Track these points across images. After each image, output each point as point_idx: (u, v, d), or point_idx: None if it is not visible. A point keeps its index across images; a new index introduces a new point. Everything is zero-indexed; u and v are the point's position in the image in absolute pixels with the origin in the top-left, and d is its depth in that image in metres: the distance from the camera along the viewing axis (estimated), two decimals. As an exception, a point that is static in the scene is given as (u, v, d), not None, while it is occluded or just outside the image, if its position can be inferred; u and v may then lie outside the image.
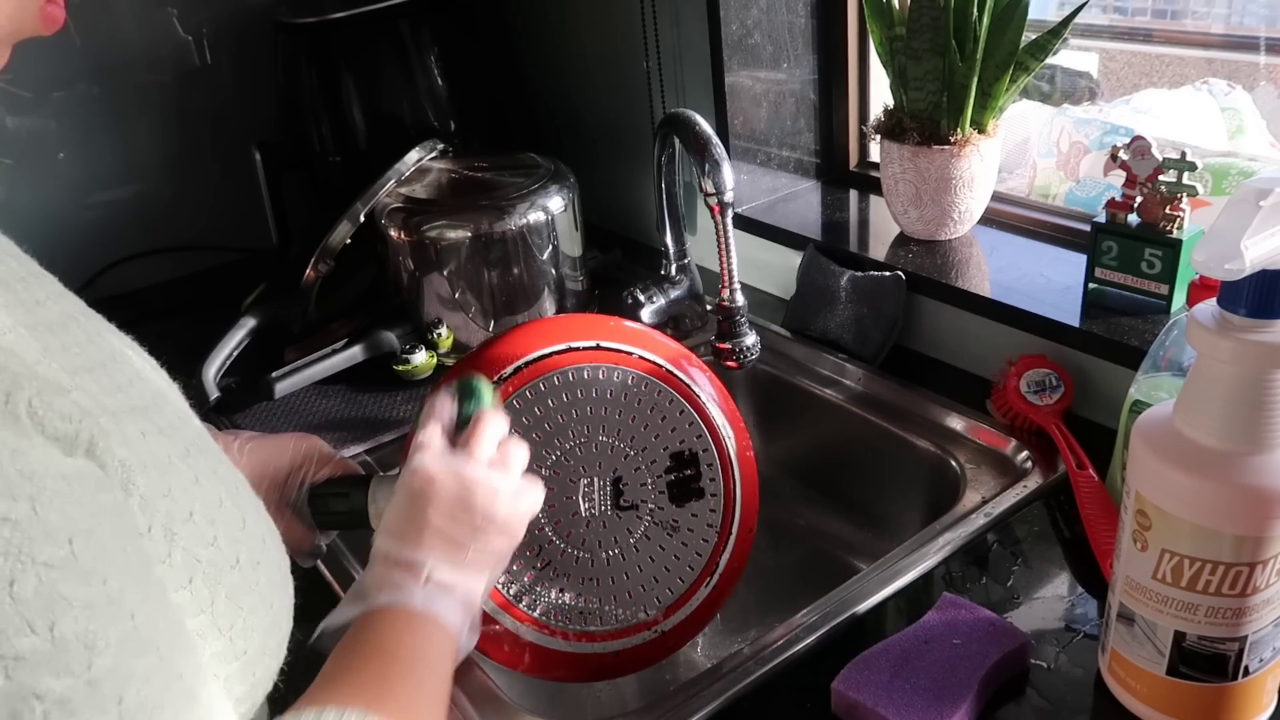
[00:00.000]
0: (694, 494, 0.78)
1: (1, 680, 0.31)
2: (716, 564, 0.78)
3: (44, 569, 0.33)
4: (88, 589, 0.34)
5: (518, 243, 1.12)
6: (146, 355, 0.54)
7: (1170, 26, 1.83)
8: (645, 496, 0.77)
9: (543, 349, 0.75)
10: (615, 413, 0.76)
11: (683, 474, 0.78)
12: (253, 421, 1.08)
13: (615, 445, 0.76)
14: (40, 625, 0.32)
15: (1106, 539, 0.77)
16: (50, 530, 0.34)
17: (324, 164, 1.38)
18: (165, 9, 1.42)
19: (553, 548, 0.74)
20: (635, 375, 0.77)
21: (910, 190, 1.08)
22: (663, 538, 0.77)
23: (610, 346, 0.77)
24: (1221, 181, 1.31)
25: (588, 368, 0.76)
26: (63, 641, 0.33)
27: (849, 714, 0.65)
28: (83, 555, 0.34)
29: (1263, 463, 0.54)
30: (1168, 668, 0.60)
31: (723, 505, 0.79)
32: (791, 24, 1.23)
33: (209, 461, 0.48)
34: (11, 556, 0.32)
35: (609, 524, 0.76)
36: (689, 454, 0.78)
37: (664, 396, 0.78)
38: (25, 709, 0.32)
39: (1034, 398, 0.92)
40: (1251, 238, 0.49)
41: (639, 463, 0.77)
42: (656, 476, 0.77)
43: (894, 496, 1.02)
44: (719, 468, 0.79)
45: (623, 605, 0.76)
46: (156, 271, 1.46)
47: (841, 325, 1.10)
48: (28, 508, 0.33)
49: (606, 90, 1.41)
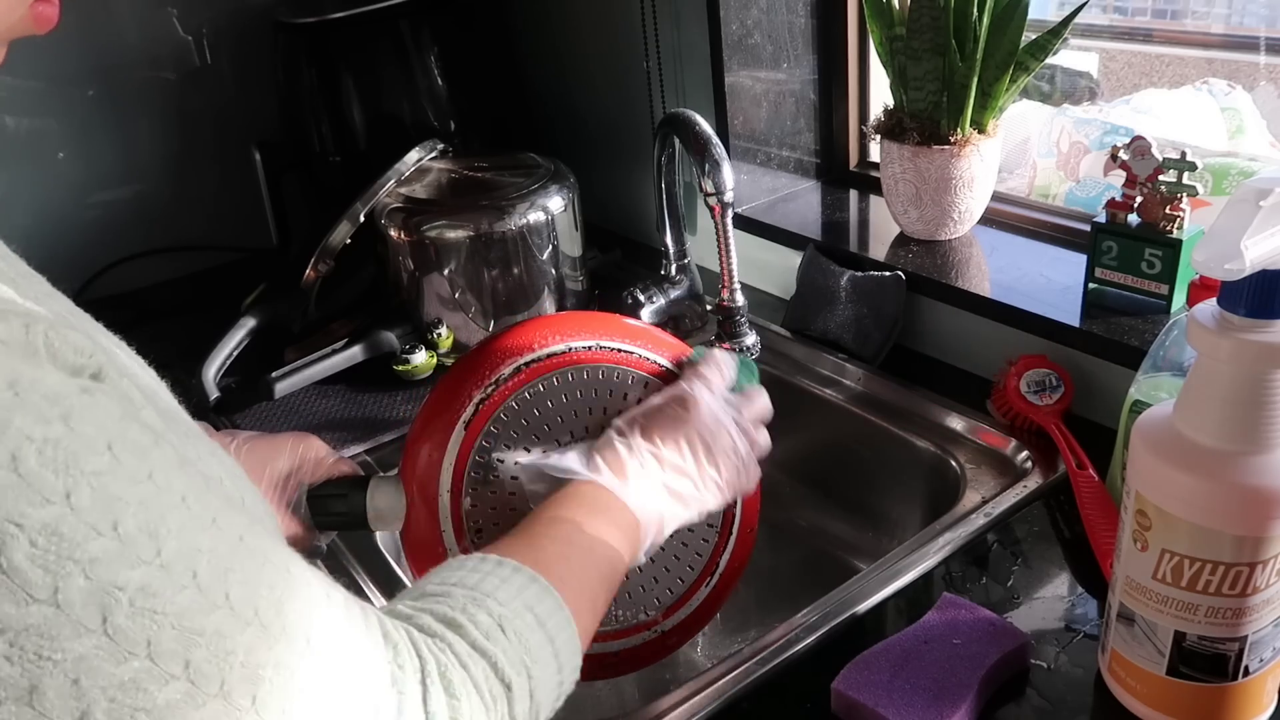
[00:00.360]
0: None
1: (83, 580, 0.34)
2: (717, 564, 0.78)
3: (94, 477, 0.35)
4: (138, 487, 0.36)
5: (518, 243, 1.12)
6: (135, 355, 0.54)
7: (1170, 26, 1.84)
8: None
9: (540, 350, 0.75)
10: (616, 412, 0.75)
11: None
12: (253, 421, 1.08)
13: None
14: (104, 527, 0.35)
15: (1106, 539, 0.77)
16: (89, 441, 0.36)
17: (324, 164, 1.38)
18: (165, 9, 1.42)
19: None
20: (636, 375, 0.76)
21: (910, 190, 1.08)
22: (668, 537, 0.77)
23: (610, 346, 0.76)
24: (1221, 181, 1.31)
25: (587, 368, 0.75)
26: (129, 537, 0.35)
27: (849, 714, 0.65)
28: (124, 458, 0.37)
29: (1262, 463, 0.54)
30: (1168, 668, 0.60)
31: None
32: (791, 24, 1.23)
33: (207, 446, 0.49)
34: (61, 472, 0.34)
35: None
36: None
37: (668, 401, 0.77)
38: (112, 601, 0.34)
39: (1034, 398, 0.92)
40: (1251, 238, 0.49)
41: None
42: None
43: (894, 497, 1.02)
44: None
45: (623, 605, 0.75)
46: (156, 271, 1.46)
47: (841, 325, 1.10)
48: (62, 426, 0.35)
49: (606, 90, 1.41)
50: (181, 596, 0.36)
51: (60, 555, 0.33)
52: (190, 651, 0.36)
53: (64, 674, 0.33)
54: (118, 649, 0.34)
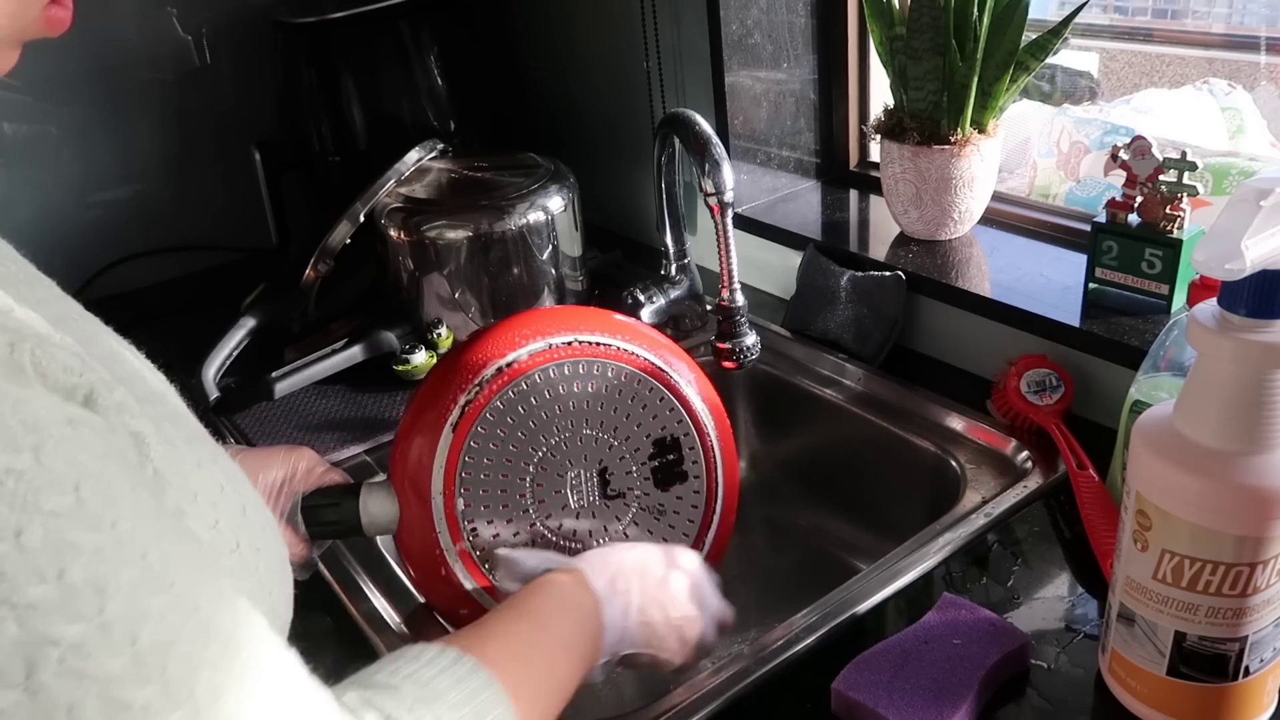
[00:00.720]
0: (677, 477, 0.80)
1: (15, 629, 0.32)
2: (702, 543, 0.80)
3: (50, 518, 0.33)
4: (96, 534, 0.34)
5: (518, 243, 1.12)
6: (144, 358, 0.54)
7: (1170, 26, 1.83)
8: (631, 484, 0.78)
9: (519, 349, 0.76)
10: (597, 405, 0.77)
11: (665, 459, 0.79)
12: (252, 421, 1.08)
13: (599, 437, 0.77)
14: (50, 573, 0.33)
15: (1107, 539, 0.77)
16: (55, 479, 0.34)
17: (324, 164, 1.38)
18: (165, 9, 1.42)
19: (545, 541, 0.75)
20: (614, 367, 0.78)
21: (910, 190, 1.08)
22: (650, 522, 0.79)
23: (587, 340, 0.77)
24: (1222, 181, 1.31)
25: (567, 363, 0.76)
26: (72, 588, 0.33)
27: (849, 714, 0.65)
28: (90, 501, 0.35)
29: (1263, 463, 0.54)
30: (1168, 668, 0.60)
31: (705, 486, 0.81)
32: (791, 24, 1.23)
33: (209, 450, 0.49)
34: (17, 508, 0.32)
35: (598, 514, 0.77)
36: (670, 439, 0.79)
37: (643, 385, 0.78)
38: (40, 655, 0.32)
39: (1034, 398, 0.92)
40: (1252, 238, 0.49)
41: (623, 452, 0.78)
42: (640, 464, 0.78)
43: (894, 496, 1.02)
44: (700, 450, 0.80)
45: None
46: (156, 271, 1.46)
47: (841, 325, 1.10)
48: (31, 458, 0.33)
49: (606, 90, 1.41)
50: (115, 663, 0.33)
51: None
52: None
53: None
54: (35, 710, 0.32)
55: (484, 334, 0.78)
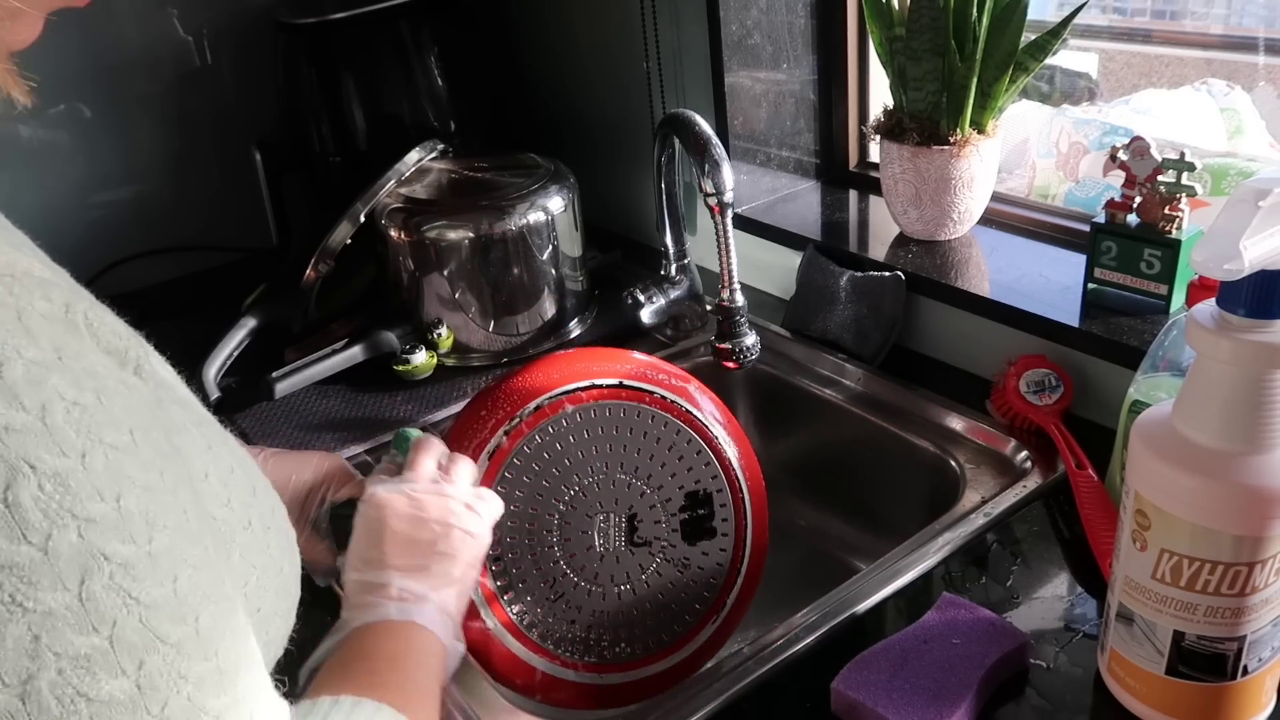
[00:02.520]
0: (706, 533, 0.79)
1: (75, 538, 0.34)
2: (724, 603, 0.80)
3: (111, 449, 0.36)
4: (147, 474, 0.37)
5: (518, 243, 1.12)
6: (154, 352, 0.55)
7: (1169, 27, 1.83)
8: (659, 534, 0.78)
9: (565, 385, 0.76)
10: (634, 450, 0.77)
11: (696, 513, 0.79)
12: (253, 421, 1.08)
13: (632, 483, 0.77)
14: (109, 495, 0.35)
15: (1106, 539, 0.78)
16: (114, 418, 0.37)
17: (324, 164, 1.38)
18: (165, 10, 1.42)
19: (566, 580, 0.75)
20: (656, 414, 0.78)
21: (910, 190, 1.08)
22: (673, 574, 0.78)
23: (633, 385, 0.78)
24: (1220, 182, 1.31)
25: (610, 404, 0.76)
26: (128, 513, 0.36)
27: (849, 714, 0.65)
28: (142, 445, 0.38)
29: (1262, 463, 0.54)
30: (1167, 667, 0.61)
31: (733, 545, 0.80)
32: (791, 24, 1.23)
33: (218, 434, 0.50)
34: (83, 434, 0.35)
35: (622, 559, 0.77)
36: (703, 494, 0.79)
37: (682, 436, 0.78)
38: (95, 566, 0.35)
39: (1033, 398, 0.92)
40: (1250, 238, 0.49)
41: (654, 500, 0.78)
42: (670, 515, 0.78)
43: (894, 496, 1.02)
44: (731, 508, 0.80)
45: (630, 641, 0.76)
46: (157, 271, 1.46)
47: (841, 325, 1.11)
48: (94, 398, 0.36)
49: (606, 90, 1.41)
50: (158, 591, 0.36)
51: (61, 506, 0.34)
52: (148, 654, 0.35)
53: (28, 626, 0.33)
54: (85, 617, 0.34)
55: (530, 367, 0.78)
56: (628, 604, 0.77)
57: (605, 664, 0.75)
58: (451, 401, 1.09)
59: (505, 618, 0.73)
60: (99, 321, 0.40)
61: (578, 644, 0.75)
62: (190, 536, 0.38)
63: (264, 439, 1.04)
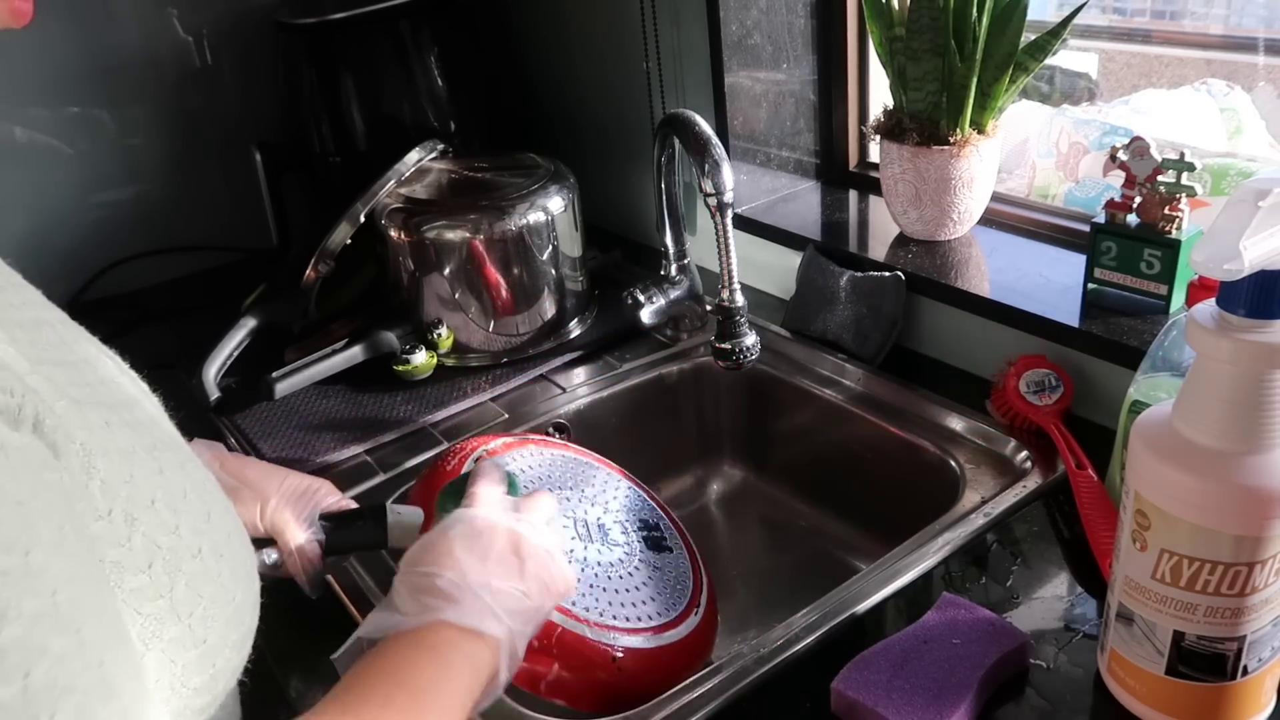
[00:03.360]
0: (665, 549, 0.86)
1: None
2: (699, 602, 0.83)
3: None
4: (6, 558, 0.34)
5: (518, 243, 1.12)
6: (127, 368, 0.55)
7: (1169, 27, 1.83)
8: (628, 541, 0.83)
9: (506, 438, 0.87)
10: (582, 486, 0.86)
11: (650, 534, 0.86)
12: (253, 422, 1.08)
13: (590, 507, 0.84)
14: None
15: (1106, 539, 0.78)
16: None
17: (324, 164, 1.38)
18: (165, 9, 1.42)
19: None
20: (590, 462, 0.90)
21: (910, 191, 1.08)
22: (650, 571, 0.82)
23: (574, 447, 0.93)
24: (1220, 182, 1.31)
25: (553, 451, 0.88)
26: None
27: (849, 714, 0.65)
28: (6, 524, 0.34)
29: (1261, 463, 0.54)
30: (1167, 667, 0.61)
31: (689, 562, 0.86)
32: (791, 24, 1.23)
33: (176, 457, 0.49)
34: None
35: (603, 551, 0.80)
36: (651, 521, 0.87)
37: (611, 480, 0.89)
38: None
39: (1033, 398, 0.92)
40: (1250, 238, 0.49)
41: (616, 518, 0.84)
42: (632, 529, 0.85)
43: (894, 496, 1.02)
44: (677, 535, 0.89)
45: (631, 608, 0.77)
46: (157, 272, 1.46)
47: (841, 325, 1.11)
48: None
49: (606, 90, 1.41)
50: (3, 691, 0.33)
51: None
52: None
53: None
54: None
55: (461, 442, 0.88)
56: (620, 575, 0.79)
57: (614, 626, 0.75)
58: (451, 402, 1.09)
59: None
60: None
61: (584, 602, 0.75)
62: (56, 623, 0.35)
63: (264, 439, 1.04)
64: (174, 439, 0.52)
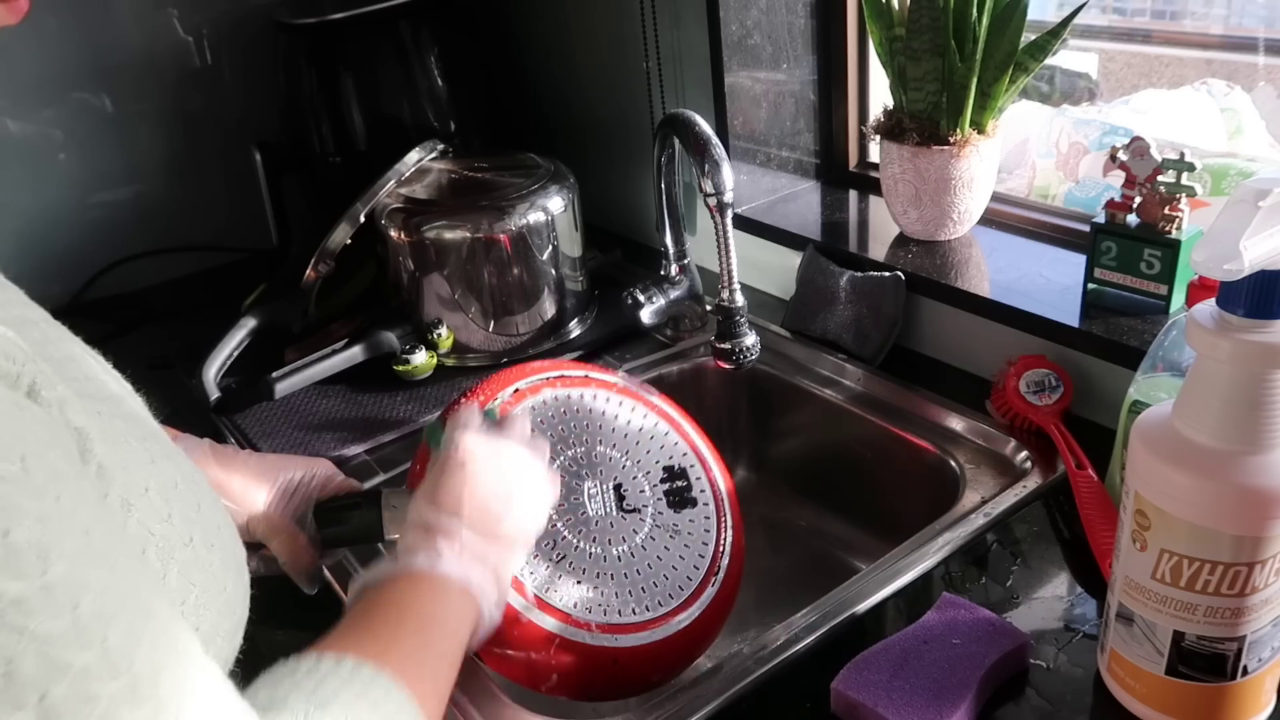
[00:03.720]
0: (688, 503, 0.82)
1: None
2: (719, 566, 0.80)
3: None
4: (40, 503, 0.35)
5: (518, 243, 1.12)
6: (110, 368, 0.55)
7: (1169, 27, 1.83)
8: (646, 502, 0.80)
9: (539, 374, 0.82)
10: (610, 429, 0.82)
11: (675, 484, 0.83)
12: (253, 422, 1.08)
13: (613, 456, 0.81)
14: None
15: (1106, 539, 0.78)
16: (3, 446, 0.35)
17: (324, 164, 1.38)
18: (165, 9, 1.42)
19: (566, 542, 0.76)
20: (624, 400, 0.84)
21: (910, 191, 1.08)
22: (666, 539, 0.79)
23: (597, 377, 0.85)
24: (1220, 182, 1.31)
25: (581, 389, 0.83)
26: (16, 548, 0.34)
27: (849, 714, 0.65)
28: (35, 471, 0.36)
29: (1261, 463, 0.54)
30: (1167, 667, 0.61)
31: (714, 514, 0.83)
32: (791, 24, 1.23)
33: (164, 450, 0.49)
34: None
35: (615, 524, 0.78)
36: (678, 468, 0.84)
37: (649, 419, 0.84)
38: None
39: (1033, 398, 0.92)
40: (1250, 238, 0.49)
41: (635, 472, 0.81)
42: (653, 485, 0.82)
43: (894, 496, 1.02)
44: (706, 480, 0.84)
45: (637, 600, 0.76)
46: (157, 271, 1.46)
47: (841, 325, 1.11)
48: None
49: (606, 90, 1.41)
50: (55, 623, 0.34)
51: None
52: (50, 684, 0.34)
53: None
54: None
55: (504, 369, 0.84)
56: (628, 566, 0.78)
57: (616, 626, 0.74)
58: (452, 402, 1.09)
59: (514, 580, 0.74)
60: None
61: (586, 603, 0.75)
62: (93, 558, 0.37)
63: (264, 439, 1.04)
64: (161, 435, 0.52)
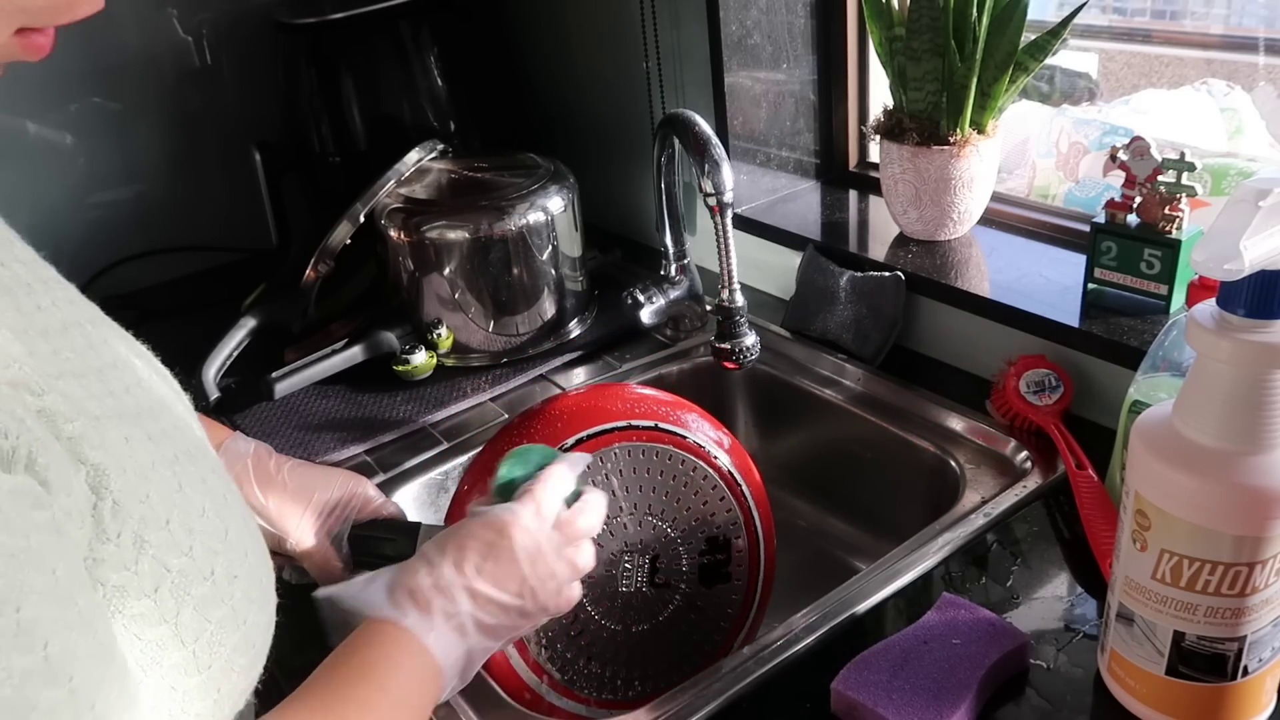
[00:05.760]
0: (721, 578, 0.80)
1: None
2: (730, 646, 0.80)
3: None
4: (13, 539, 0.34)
5: (518, 243, 1.12)
6: (158, 365, 0.54)
7: (1169, 27, 1.83)
8: (678, 578, 0.78)
9: (604, 424, 0.76)
10: (663, 493, 0.78)
11: (715, 558, 0.80)
12: (253, 422, 1.08)
13: (658, 524, 0.77)
14: None
15: (1106, 539, 0.78)
16: None
17: (324, 164, 1.38)
18: (165, 9, 1.42)
19: (586, 618, 0.75)
20: (686, 458, 0.79)
21: (910, 191, 1.08)
22: (687, 616, 0.79)
23: (667, 429, 0.78)
24: (1220, 182, 1.31)
25: (645, 446, 0.77)
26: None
27: (849, 714, 0.65)
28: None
29: (1261, 463, 0.54)
30: (1167, 668, 0.61)
31: (744, 591, 0.81)
32: (791, 24, 1.23)
33: (198, 470, 0.48)
34: None
35: (642, 600, 0.77)
36: (722, 539, 0.80)
37: (709, 482, 0.79)
38: None
39: (1033, 398, 0.92)
40: (1250, 238, 0.49)
41: (678, 544, 0.78)
42: (690, 557, 0.79)
43: (894, 497, 1.02)
44: (747, 554, 0.81)
45: (642, 680, 0.77)
46: (157, 271, 1.46)
47: (841, 325, 1.11)
48: None
49: (606, 90, 1.41)
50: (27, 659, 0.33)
51: None
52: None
53: None
54: None
55: (567, 398, 0.78)
56: (643, 643, 0.77)
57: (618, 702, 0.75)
58: (451, 402, 1.09)
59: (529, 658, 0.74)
60: None
61: (593, 680, 0.75)
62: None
63: (264, 439, 1.04)
64: (199, 447, 0.50)
